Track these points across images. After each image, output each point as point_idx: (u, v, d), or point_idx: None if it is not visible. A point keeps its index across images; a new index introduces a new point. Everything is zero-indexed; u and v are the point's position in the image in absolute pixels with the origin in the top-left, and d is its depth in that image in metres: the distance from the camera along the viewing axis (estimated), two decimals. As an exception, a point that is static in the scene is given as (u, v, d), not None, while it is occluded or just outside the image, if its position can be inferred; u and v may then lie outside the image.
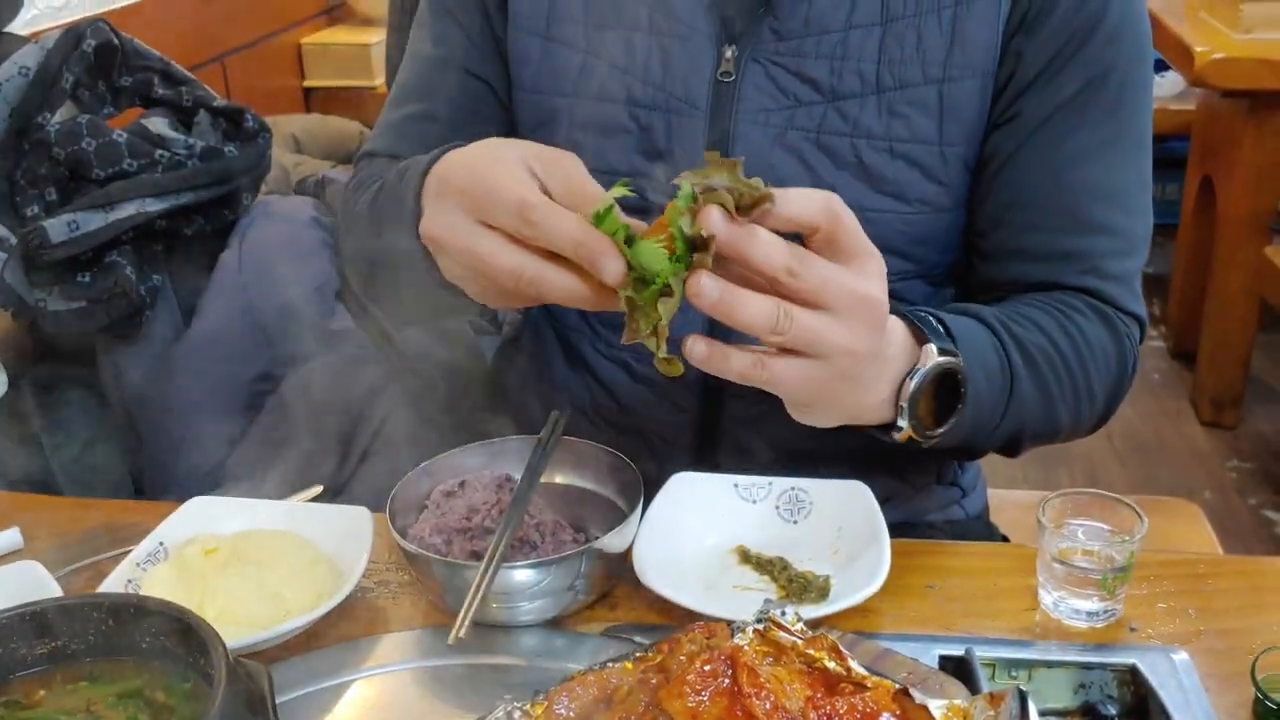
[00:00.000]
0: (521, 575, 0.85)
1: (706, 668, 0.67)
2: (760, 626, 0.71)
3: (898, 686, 0.67)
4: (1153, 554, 0.94)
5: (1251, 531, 2.63)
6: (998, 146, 1.00)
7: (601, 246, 0.72)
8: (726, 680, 0.67)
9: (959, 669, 0.82)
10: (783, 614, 0.71)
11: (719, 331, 1.05)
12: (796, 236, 0.75)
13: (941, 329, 0.87)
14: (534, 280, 0.76)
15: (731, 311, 0.72)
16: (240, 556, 0.90)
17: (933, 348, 0.85)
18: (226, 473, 1.36)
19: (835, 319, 0.74)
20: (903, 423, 0.85)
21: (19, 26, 1.60)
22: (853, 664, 0.69)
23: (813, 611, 0.84)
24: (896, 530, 0.94)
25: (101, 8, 2.25)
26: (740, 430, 1.08)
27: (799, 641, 0.70)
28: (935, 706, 0.66)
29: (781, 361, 0.76)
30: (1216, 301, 2.90)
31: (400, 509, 0.93)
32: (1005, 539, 1.20)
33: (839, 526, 0.96)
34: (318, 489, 1.13)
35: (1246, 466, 2.85)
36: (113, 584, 0.88)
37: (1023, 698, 0.65)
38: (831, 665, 0.69)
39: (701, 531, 0.96)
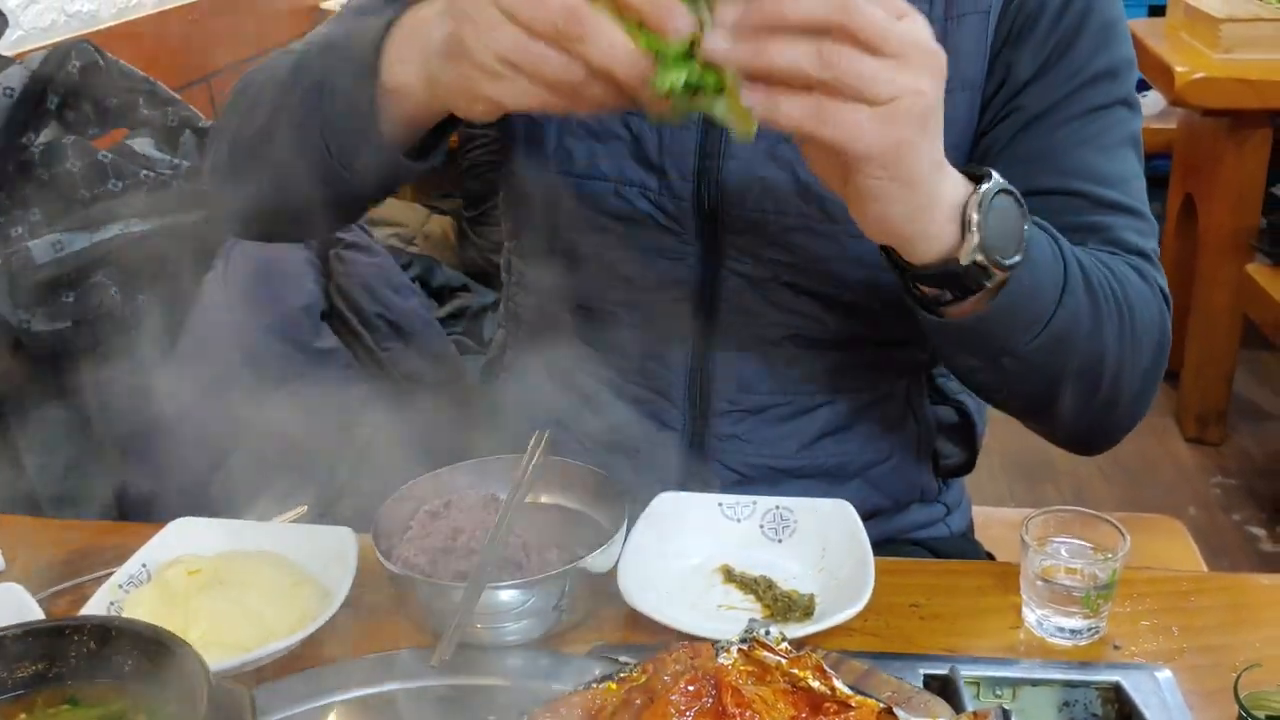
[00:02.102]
0: (506, 596, 0.85)
1: (691, 688, 0.67)
2: (745, 646, 0.71)
3: (882, 706, 0.68)
4: (1136, 571, 0.94)
5: (1237, 548, 2.63)
6: (991, 142, 0.99)
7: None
8: (711, 700, 0.67)
9: (943, 688, 0.82)
10: (767, 633, 0.71)
11: (711, 348, 1.06)
12: None
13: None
14: (523, 62, 0.72)
15: (762, 51, 0.68)
16: (223, 578, 0.90)
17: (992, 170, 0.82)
18: (211, 493, 1.35)
19: (892, 61, 0.70)
20: (975, 235, 0.80)
21: (4, 47, 1.60)
22: (837, 683, 0.69)
23: (797, 630, 0.84)
24: (881, 547, 0.94)
25: (87, 28, 2.25)
26: (727, 448, 1.08)
27: (783, 661, 0.70)
28: (919, 726, 0.66)
29: (844, 105, 0.70)
30: (1200, 318, 2.91)
31: (385, 529, 0.93)
32: (991, 556, 1.20)
33: (823, 545, 0.96)
34: (303, 508, 1.13)
35: (1231, 483, 2.86)
36: (95, 606, 0.88)
37: (1005, 717, 0.65)
38: (816, 685, 0.69)
39: (686, 551, 0.96)
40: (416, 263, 1.75)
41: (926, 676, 0.83)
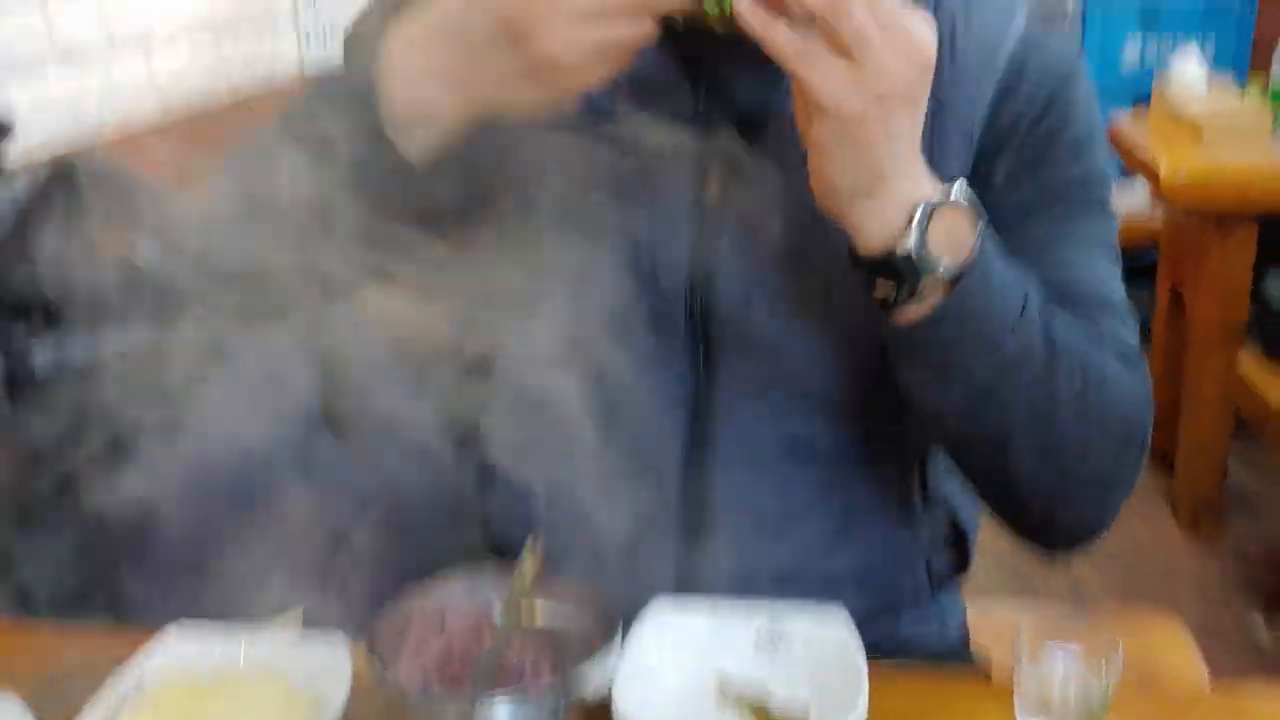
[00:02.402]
0: (501, 711, 0.85)
1: (685, 812, 0.67)
2: (739, 768, 0.71)
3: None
4: (1133, 680, 0.93)
5: (1233, 637, 2.62)
6: None
7: None
8: (705, 825, 0.67)
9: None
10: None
11: (708, 456, 1.07)
12: None
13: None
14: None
15: None
16: (217, 694, 0.90)
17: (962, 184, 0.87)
18: (206, 595, 1.35)
19: (887, 34, 0.76)
20: (913, 232, 0.85)
21: (11, 155, 1.63)
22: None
23: (792, 747, 0.84)
24: (873, 653, 0.93)
25: (93, 136, 2.28)
26: (720, 555, 1.08)
27: (778, 784, 0.70)
28: None
29: (830, 57, 0.76)
30: (1191, 409, 2.92)
31: (379, 640, 0.92)
32: (987, 664, 1.20)
33: (817, 656, 0.96)
34: (298, 610, 1.13)
35: (1226, 574, 2.86)
36: (89, 722, 0.88)
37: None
38: (810, 808, 0.69)
39: (679, 663, 0.96)
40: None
41: (922, 794, 0.83)
